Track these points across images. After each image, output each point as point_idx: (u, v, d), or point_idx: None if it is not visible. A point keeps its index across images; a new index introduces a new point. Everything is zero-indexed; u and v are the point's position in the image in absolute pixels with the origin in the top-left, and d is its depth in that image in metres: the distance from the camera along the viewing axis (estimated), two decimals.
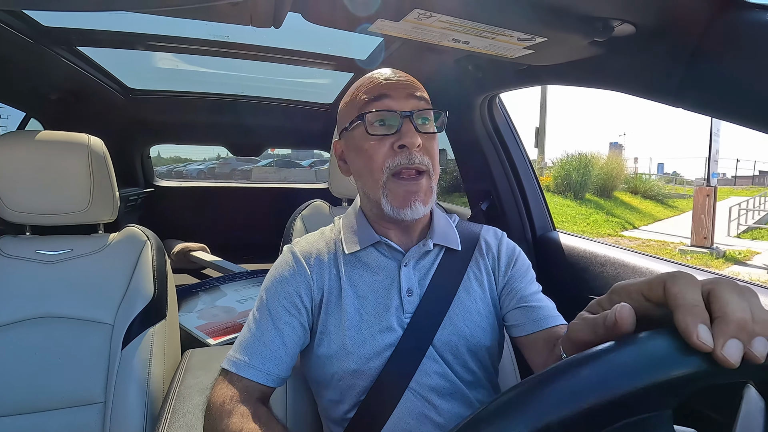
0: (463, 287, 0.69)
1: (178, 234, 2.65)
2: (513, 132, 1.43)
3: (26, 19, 1.08)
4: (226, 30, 1.32)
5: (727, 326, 0.27)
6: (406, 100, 0.63)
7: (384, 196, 0.63)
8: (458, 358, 0.66)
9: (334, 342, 0.65)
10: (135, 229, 1.08)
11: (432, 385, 0.64)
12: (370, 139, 0.62)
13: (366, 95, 0.64)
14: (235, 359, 0.63)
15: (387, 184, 0.63)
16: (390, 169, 0.62)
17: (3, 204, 0.95)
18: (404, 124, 0.61)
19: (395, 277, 0.68)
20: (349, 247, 0.69)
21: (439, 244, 0.70)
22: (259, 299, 0.68)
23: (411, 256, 0.69)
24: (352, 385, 0.65)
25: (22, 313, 0.92)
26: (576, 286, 1.18)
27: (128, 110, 2.01)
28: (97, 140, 1.02)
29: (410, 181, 0.62)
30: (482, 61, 1.07)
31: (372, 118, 0.62)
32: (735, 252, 7.62)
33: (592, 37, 0.71)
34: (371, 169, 0.63)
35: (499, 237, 0.77)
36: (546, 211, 1.43)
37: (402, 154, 0.61)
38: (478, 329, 0.67)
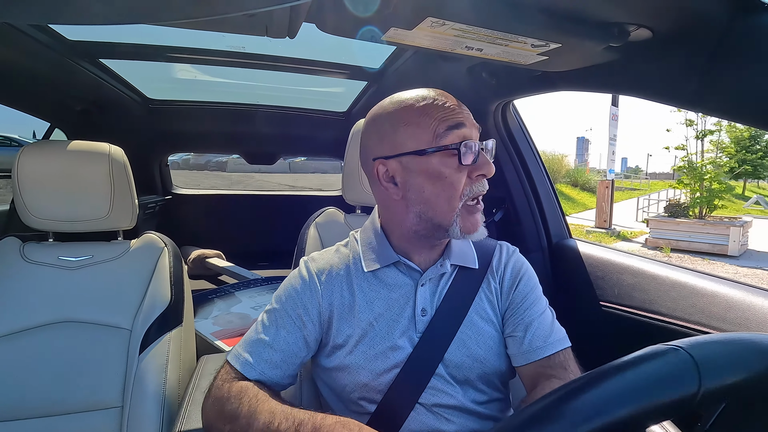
0: (475, 308, 0.69)
1: (194, 241, 2.69)
2: (527, 138, 1.42)
3: (53, 33, 1.13)
4: (243, 41, 1.35)
5: None
6: (475, 129, 0.65)
7: (455, 222, 0.64)
8: (469, 379, 0.66)
9: (344, 355, 0.66)
10: (153, 236, 1.10)
11: (442, 403, 0.64)
12: (458, 169, 0.62)
13: (445, 121, 0.62)
14: (238, 354, 0.66)
15: (461, 211, 0.64)
16: (467, 196, 0.63)
17: (27, 211, 0.98)
18: (481, 154, 0.63)
19: (411, 296, 0.68)
20: (368, 264, 0.70)
21: (457, 264, 0.71)
22: (270, 304, 0.70)
23: (428, 276, 0.69)
24: (363, 398, 0.66)
25: (44, 318, 0.94)
26: (593, 295, 1.16)
27: (147, 120, 2.06)
28: (117, 149, 1.05)
29: (479, 209, 0.66)
30: (496, 67, 1.07)
31: (465, 149, 0.61)
32: (627, 232, 9.76)
33: (608, 43, 0.70)
34: (450, 196, 0.63)
35: (509, 254, 0.77)
36: (562, 218, 1.41)
37: (479, 182, 0.64)
38: (491, 353, 0.67)
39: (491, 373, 0.67)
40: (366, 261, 0.70)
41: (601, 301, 1.12)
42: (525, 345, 0.67)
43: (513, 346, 0.69)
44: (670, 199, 10.34)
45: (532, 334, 0.68)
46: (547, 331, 0.69)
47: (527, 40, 0.71)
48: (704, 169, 8.32)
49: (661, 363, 0.32)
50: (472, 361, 0.66)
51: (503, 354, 0.68)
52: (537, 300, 0.72)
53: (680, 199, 9.19)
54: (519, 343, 0.68)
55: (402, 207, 0.66)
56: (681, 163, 8.75)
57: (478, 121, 0.68)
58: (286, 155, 2.98)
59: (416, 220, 0.66)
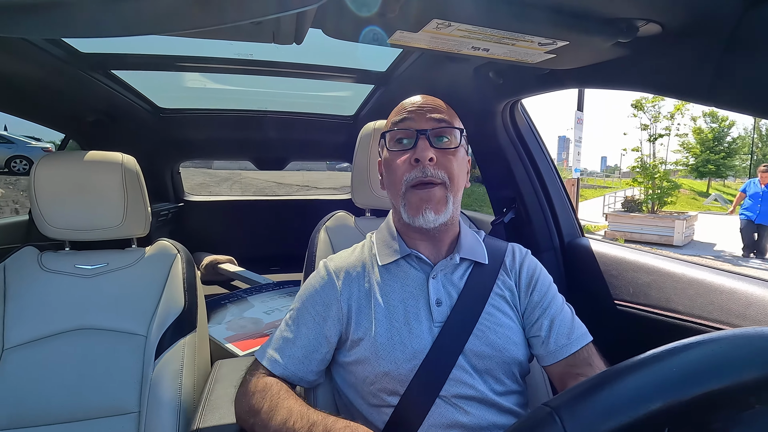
0: (492, 301, 0.72)
1: (206, 247, 2.72)
2: (536, 137, 1.41)
3: (65, 46, 1.15)
4: (250, 48, 1.36)
5: None
6: (426, 121, 0.71)
7: (402, 205, 0.71)
8: (489, 369, 0.68)
9: (365, 347, 0.69)
10: (166, 243, 1.12)
11: (463, 394, 0.66)
12: (392, 155, 0.72)
13: (393, 118, 0.74)
14: (264, 351, 0.72)
15: (405, 194, 0.70)
16: (407, 182, 0.70)
17: (44, 221, 1.00)
18: (419, 141, 0.70)
19: (424, 288, 0.72)
20: (382, 259, 0.76)
21: (467, 258, 0.75)
22: (293, 304, 0.76)
23: (439, 269, 0.73)
24: (384, 390, 0.67)
25: (62, 326, 0.96)
26: (607, 294, 1.14)
27: (159, 129, 2.09)
28: (130, 158, 1.06)
29: (423, 190, 0.69)
30: (503, 67, 1.06)
31: (392, 136, 0.73)
32: (591, 226, 10.82)
33: (616, 39, 0.69)
34: (394, 181, 0.71)
35: (523, 255, 0.81)
36: (573, 217, 1.40)
37: (417, 168, 0.69)
38: (509, 342, 0.70)
39: (510, 363, 0.69)
40: (380, 256, 0.76)
41: (616, 299, 1.10)
42: (551, 345, 0.70)
43: (538, 347, 0.72)
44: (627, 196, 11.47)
45: (556, 333, 0.71)
46: (569, 327, 0.72)
47: (534, 38, 0.70)
48: (655, 169, 9.33)
49: None
50: (492, 350, 0.68)
51: (520, 344, 0.71)
52: (554, 298, 0.75)
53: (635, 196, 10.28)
54: (544, 343, 0.71)
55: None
56: (634, 163, 9.76)
57: (485, 121, 0.72)
58: (296, 160, 3.00)
59: (394, 210, 0.77)
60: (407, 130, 0.71)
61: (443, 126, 0.72)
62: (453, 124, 0.73)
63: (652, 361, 0.34)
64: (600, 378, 0.34)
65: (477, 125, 1.42)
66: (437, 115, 0.72)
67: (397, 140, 0.72)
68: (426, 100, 0.75)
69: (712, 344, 0.33)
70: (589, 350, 0.71)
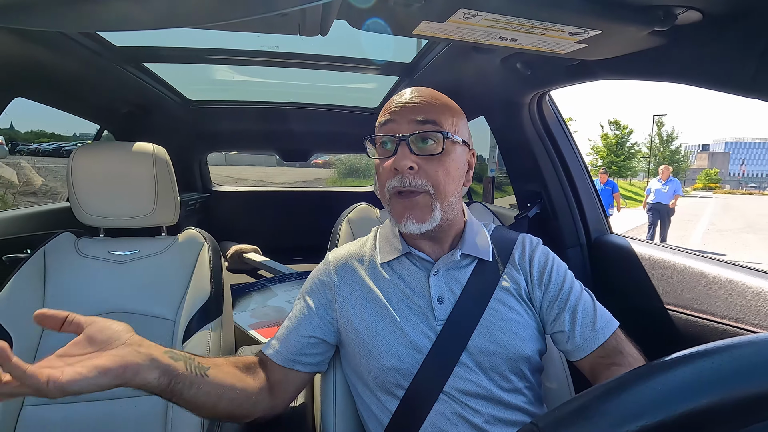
0: (497, 297, 0.70)
1: (232, 236, 2.78)
2: (564, 130, 1.37)
3: (100, 40, 1.19)
4: (276, 40, 1.38)
5: None
6: (407, 124, 0.66)
7: (390, 211, 0.70)
8: (495, 366, 0.67)
9: (366, 341, 0.69)
10: (194, 232, 1.15)
11: (467, 390, 0.65)
12: (379, 159, 0.69)
13: (380, 119, 0.70)
14: (269, 343, 0.75)
15: (390, 200, 0.69)
16: (389, 189, 0.67)
17: (81, 209, 1.05)
18: (400, 148, 0.65)
19: (425, 285, 0.71)
20: (383, 256, 0.75)
21: (469, 254, 0.73)
22: (297, 296, 0.79)
23: (440, 265, 0.72)
24: (389, 383, 0.68)
25: (97, 309, 1.00)
26: (636, 294, 1.11)
27: (188, 120, 2.14)
28: (160, 149, 1.10)
29: (405, 198, 0.66)
30: (531, 58, 1.03)
31: (377, 142, 0.70)
32: None
33: (653, 27, 0.66)
34: (380, 185, 0.69)
35: (533, 246, 0.77)
36: (602, 212, 1.36)
37: (397, 177, 0.65)
38: (516, 338, 0.68)
39: (517, 360, 0.67)
40: (381, 253, 0.76)
41: (644, 298, 1.07)
42: (577, 339, 0.68)
43: (564, 343, 0.70)
44: None
45: (580, 326, 0.68)
46: (592, 317, 0.69)
47: (564, 27, 0.68)
48: None
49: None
50: (497, 347, 0.67)
51: (528, 339, 0.69)
52: (572, 288, 0.72)
53: None
54: (569, 338, 0.69)
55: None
56: None
57: (512, 113, 0.69)
58: (320, 152, 3.02)
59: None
60: (390, 135, 0.66)
61: (427, 130, 0.65)
62: (441, 124, 0.66)
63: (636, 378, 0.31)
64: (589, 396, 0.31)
65: (503, 117, 1.39)
66: (421, 116, 0.65)
67: (381, 144, 0.68)
68: (413, 97, 0.68)
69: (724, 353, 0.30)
70: (617, 337, 0.68)
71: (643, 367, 0.32)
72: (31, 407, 0.90)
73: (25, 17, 0.44)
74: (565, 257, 1.31)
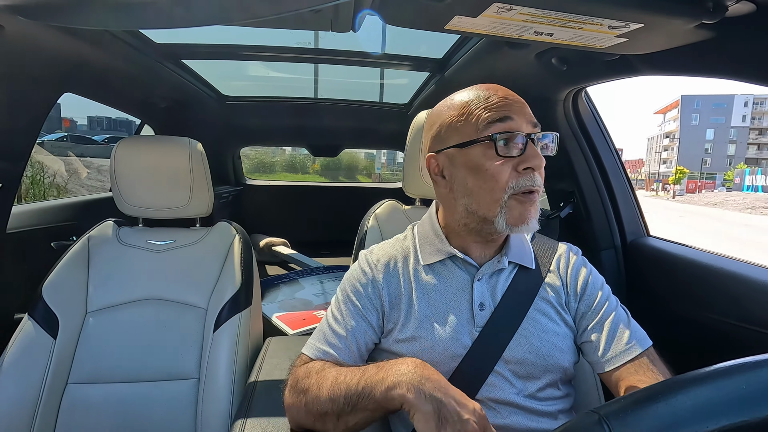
0: (537, 306, 0.67)
1: (262, 229, 2.85)
2: (601, 128, 1.32)
3: (142, 37, 1.24)
4: (308, 36, 1.39)
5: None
6: (527, 122, 0.64)
7: (500, 214, 0.63)
8: (531, 374, 0.65)
9: (404, 345, 0.67)
10: (226, 224, 1.19)
11: (500, 399, 0.64)
12: (497, 160, 0.62)
13: (488, 114, 0.63)
14: (311, 345, 0.70)
15: (507, 203, 0.63)
16: (513, 189, 0.62)
17: (122, 199, 1.10)
18: (529, 146, 0.62)
19: (468, 290, 0.69)
20: (425, 258, 0.72)
21: (514, 261, 0.70)
22: (335, 297, 0.74)
23: (485, 271, 0.69)
24: None
25: (135, 295, 1.05)
26: (674, 300, 1.06)
27: (222, 115, 2.21)
28: (196, 143, 1.14)
29: (528, 199, 0.63)
30: (567, 52, 1.00)
31: (501, 139, 0.62)
32: None
33: (700, 20, 0.63)
34: (493, 189, 0.63)
35: (574, 256, 0.74)
36: (638, 214, 1.30)
37: (526, 176, 0.62)
38: (554, 349, 0.65)
39: (554, 370, 0.65)
40: (423, 254, 0.72)
41: (685, 307, 1.02)
42: (607, 352, 0.65)
43: (591, 354, 0.67)
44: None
45: (611, 339, 0.65)
46: (625, 330, 0.66)
47: (604, 21, 0.65)
48: None
49: None
50: (535, 357, 0.65)
51: (566, 351, 0.66)
52: (608, 301, 0.69)
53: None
54: (597, 350, 0.66)
55: (451, 200, 0.69)
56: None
57: (545, 110, 0.66)
58: (349, 147, 3.05)
59: (464, 213, 0.67)
60: (512, 133, 0.62)
61: (546, 131, 0.66)
62: (552, 132, 0.67)
63: (720, 374, 0.30)
64: (660, 387, 0.30)
65: (536, 114, 1.35)
66: (532, 117, 0.65)
67: (502, 142, 0.62)
68: (509, 93, 0.66)
69: None
70: (650, 355, 0.64)
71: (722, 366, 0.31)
72: (74, 385, 0.96)
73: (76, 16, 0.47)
74: (599, 260, 1.26)
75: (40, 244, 1.29)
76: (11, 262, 1.14)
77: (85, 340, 0.99)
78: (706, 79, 0.88)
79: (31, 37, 0.88)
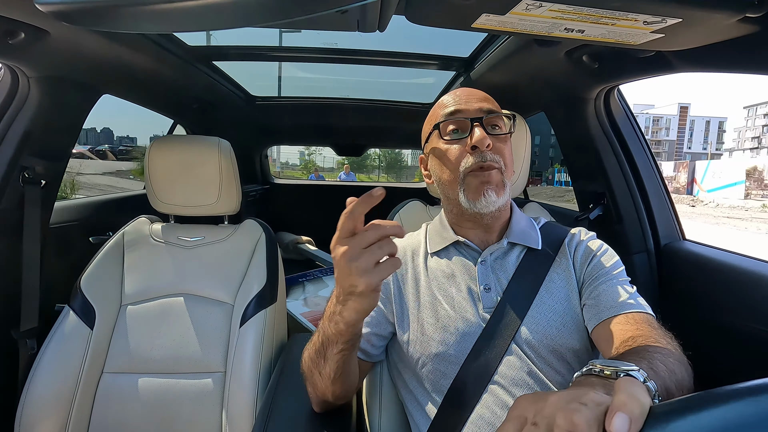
0: (546, 287, 0.71)
1: (288, 227, 2.90)
2: (634, 128, 1.27)
3: (175, 40, 1.28)
4: (335, 37, 1.40)
5: None
6: (476, 110, 0.73)
7: (461, 191, 0.72)
8: (542, 356, 0.66)
9: (413, 328, 0.72)
10: (253, 222, 1.22)
11: (517, 379, 0.65)
12: (446, 143, 0.73)
13: (441, 110, 0.76)
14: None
15: (464, 180, 0.71)
16: (465, 168, 0.71)
17: (156, 197, 1.14)
18: (474, 128, 0.71)
19: (472, 272, 0.74)
20: (432, 246, 0.80)
21: (516, 242, 0.76)
22: None
23: (487, 254, 0.75)
24: (436, 372, 0.69)
25: (166, 289, 1.09)
26: (712, 308, 1.01)
27: (251, 116, 2.25)
28: (225, 143, 1.17)
29: (483, 172, 0.70)
30: (599, 49, 0.97)
31: (445, 126, 0.74)
32: None
33: (743, 14, 0.59)
34: (450, 169, 0.73)
35: (586, 235, 0.78)
36: (673, 217, 1.25)
37: (475, 154, 0.70)
38: (563, 329, 0.67)
39: (564, 351, 0.66)
40: (431, 244, 0.80)
41: (724, 315, 0.97)
42: (600, 306, 0.65)
43: (586, 313, 0.68)
44: None
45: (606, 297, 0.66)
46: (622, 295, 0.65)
47: (639, 16, 0.63)
48: None
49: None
50: (545, 338, 0.66)
51: (576, 331, 0.67)
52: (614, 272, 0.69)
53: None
54: (591, 308, 0.67)
55: (437, 192, 0.80)
56: None
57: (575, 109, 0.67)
58: (374, 147, 3.06)
59: (446, 200, 0.78)
60: (461, 120, 0.73)
61: (496, 113, 0.74)
62: (501, 111, 0.75)
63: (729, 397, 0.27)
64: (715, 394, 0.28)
65: (565, 113, 1.32)
66: (486, 105, 0.74)
67: (452, 131, 0.74)
68: (471, 91, 0.76)
69: None
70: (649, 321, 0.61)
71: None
72: (109, 374, 1.00)
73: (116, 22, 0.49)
74: (631, 264, 1.22)
75: (79, 238, 1.35)
76: (53, 255, 1.20)
77: (119, 332, 1.03)
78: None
79: (74, 42, 0.92)
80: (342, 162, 36.08)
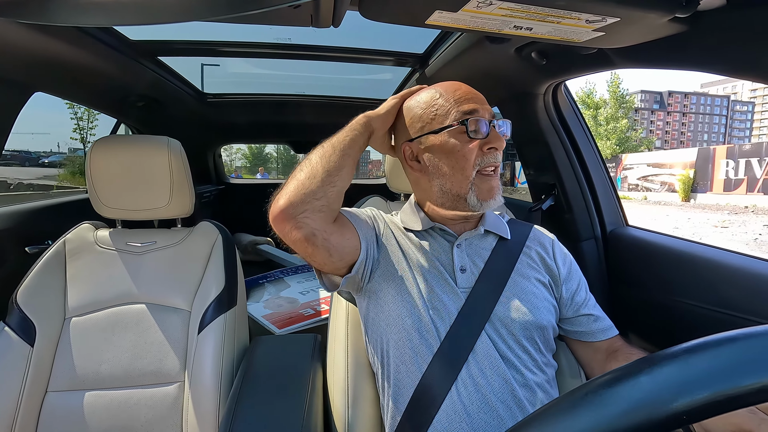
0: (518, 271, 0.77)
1: (246, 228, 2.82)
2: (580, 121, 1.34)
3: (116, 34, 1.21)
4: (288, 32, 1.37)
5: None
6: (487, 111, 0.76)
7: (471, 190, 0.74)
8: (513, 334, 0.72)
9: (391, 300, 0.74)
10: (208, 224, 1.17)
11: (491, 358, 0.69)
12: (468, 142, 0.73)
13: (459, 105, 0.74)
14: None
15: (475, 180, 0.73)
16: (479, 166, 0.73)
17: (99, 201, 1.07)
18: (492, 130, 0.74)
19: (448, 254, 0.78)
20: (410, 225, 0.82)
21: (491, 231, 0.81)
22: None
23: (464, 238, 0.79)
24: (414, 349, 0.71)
25: (115, 299, 1.03)
26: (653, 287, 1.09)
27: (203, 113, 2.16)
28: (175, 142, 1.11)
29: (493, 177, 0.75)
30: (546, 47, 1.01)
31: (472, 124, 0.73)
32: None
33: (673, 14, 0.64)
34: (464, 167, 0.73)
35: (551, 238, 0.86)
36: (617, 205, 1.33)
37: (490, 155, 0.73)
38: (534, 308, 0.74)
39: (534, 329, 0.73)
40: (406, 223, 0.83)
41: (666, 294, 1.05)
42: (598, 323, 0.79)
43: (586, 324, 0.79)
44: None
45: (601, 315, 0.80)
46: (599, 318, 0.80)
47: (581, 15, 0.66)
48: None
49: None
50: (518, 315, 0.72)
51: (545, 311, 0.75)
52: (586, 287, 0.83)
53: None
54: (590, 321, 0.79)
55: (425, 182, 0.79)
56: None
57: (526, 104, 0.70)
58: None
59: (439, 193, 0.77)
60: (479, 119, 0.73)
61: (503, 119, 0.78)
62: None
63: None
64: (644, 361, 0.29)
65: (517, 108, 1.37)
66: (490, 109, 0.77)
67: (473, 130, 0.73)
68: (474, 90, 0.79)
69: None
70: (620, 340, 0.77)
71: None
72: (54, 393, 0.93)
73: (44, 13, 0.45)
74: (580, 250, 1.29)
75: (13, 248, 1.25)
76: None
77: (64, 347, 0.96)
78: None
79: (0, 35, 0.84)
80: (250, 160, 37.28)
